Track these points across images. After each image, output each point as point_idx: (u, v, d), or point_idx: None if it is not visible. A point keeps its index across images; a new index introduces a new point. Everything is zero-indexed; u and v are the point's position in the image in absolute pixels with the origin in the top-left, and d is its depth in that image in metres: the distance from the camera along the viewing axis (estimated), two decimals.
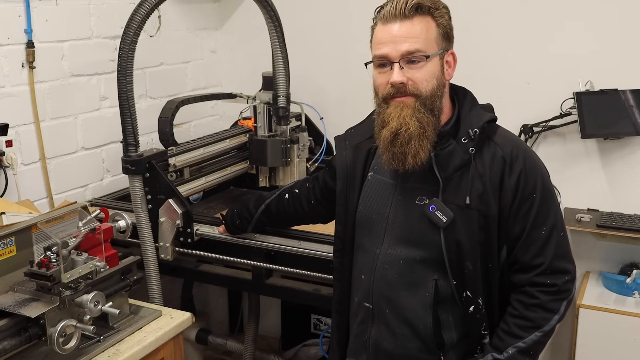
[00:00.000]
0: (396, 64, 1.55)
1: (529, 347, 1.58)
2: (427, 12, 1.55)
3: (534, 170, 1.61)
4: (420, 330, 1.62)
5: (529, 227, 1.58)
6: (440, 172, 1.58)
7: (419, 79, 1.55)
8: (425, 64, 1.55)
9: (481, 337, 1.62)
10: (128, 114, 2.27)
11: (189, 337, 2.98)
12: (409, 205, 1.62)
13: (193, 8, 3.29)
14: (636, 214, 2.76)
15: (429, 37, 1.55)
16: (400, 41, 1.54)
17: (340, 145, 1.78)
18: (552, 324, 1.58)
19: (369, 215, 1.68)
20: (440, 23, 1.57)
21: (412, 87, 1.55)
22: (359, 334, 1.72)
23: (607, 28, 2.71)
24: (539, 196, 1.58)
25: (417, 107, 1.55)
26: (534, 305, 1.58)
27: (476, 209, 1.57)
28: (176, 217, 2.34)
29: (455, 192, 1.57)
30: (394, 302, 1.64)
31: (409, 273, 1.61)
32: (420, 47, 1.54)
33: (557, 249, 1.59)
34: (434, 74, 1.57)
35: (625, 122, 2.68)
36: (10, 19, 2.40)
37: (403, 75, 1.55)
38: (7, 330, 1.69)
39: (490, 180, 1.57)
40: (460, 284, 1.59)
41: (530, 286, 1.59)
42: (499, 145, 1.60)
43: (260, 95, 2.87)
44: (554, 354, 3.08)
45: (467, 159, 1.58)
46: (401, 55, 1.54)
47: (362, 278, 1.69)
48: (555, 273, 1.58)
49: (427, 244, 1.59)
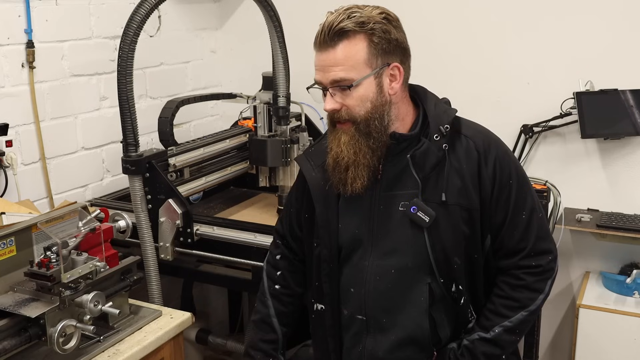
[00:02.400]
0: (328, 92, 1.56)
1: (515, 326, 1.62)
2: (354, 34, 1.52)
3: (507, 158, 1.64)
4: (418, 334, 1.62)
5: (510, 213, 1.61)
6: (418, 172, 1.58)
7: (351, 105, 1.55)
8: (355, 90, 1.54)
9: (467, 322, 1.66)
10: (128, 114, 2.27)
11: (189, 337, 2.98)
12: (392, 213, 1.61)
13: (193, 8, 3.29)
14: (636, 214, 2.76)
15: (357, 60, 1.53)
16: (327, 70, 1.54)
17: (306, 167, 1.73)
18: (538, 303, 1.62)
19: (352, 231, 1.66)
20: (372, 41, 1.53)
21: (346, 113, 1.56)
22: (353, 346, 1.70)
23: (607, 28, 2.71)
24: (515, 182, 1.62)
25: (353, 134, 1.56)
26: (520, 287, 1.62)
27: (457, 204, 1.58)
28: (176, 217, 2.34)
29: (434, 190, 1.58)
30: (391, 311, 1.63)
31: (403, 281, 1.61)
32: (346, 75, 1.53)
33: (539, 231, 1.63)
34: (367, 97, 1.55)
35: (625, 122, 2.68)
36: (10, 19, 2.40)
37: (335, 102, 1.56)
38: (7, 330, 1.70)
39: (468, 174, 1.59)
40: (448, 280, 1.60)
41: (517, 269, 1.63)
42: (470, 138, 1.62)
43: (260, 95, 2.87)
44: (554, 354, 3.08)
45: (441, 156, 1.59)
46: (330, 83, 1.55)
47: (351, 291, 1.67)
48: (539, 254, 1.62)
49: (415, 248, 1.59)
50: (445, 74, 2.92)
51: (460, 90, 2.65)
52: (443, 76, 2.86)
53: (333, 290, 1.70)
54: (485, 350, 1.62)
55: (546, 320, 2.95)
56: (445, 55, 2.95)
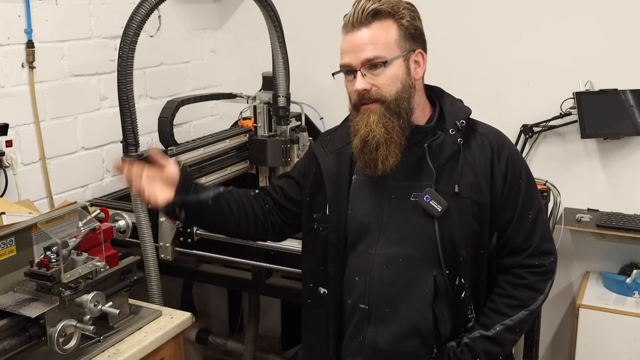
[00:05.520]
0: (358, 72, 1.58)
1: (516, 325, 1.64)
2: (386, 16, 1.57)
3: (518, 157, 1.69)
4: (421, 326, 1.63)
5: (518, 211, 1.64)
6: (433, 162, 1.61)
7: (382, 84, 1.57)
8: (387, 69, 1.57)
9: (467, 321, 1.66)
10: (128, 114, 2.27)
11: (189, 337, 2.98)
12: (404, 203, 1.63)
13: (193, 8, 3.29)
14: (636, 214, 2.76)
15: (388, 41, 1.57)
16: (360, 49, 1.56)
17: (320, 153, 1.76)
18: (538, 303, 1.65)
19: (361, 218, 1.67)
20: (401, 25, 1.59)
21: (376, 93, 1.58)
22: (353, 336, 1.71)
23: (607, 28, 2.71)
24: (524, 182, 1.65)
25: (383, 113, 1.58)
26: (522, 286, 1.64)
27: (468, 197, 1.60)
28: None
29: (447, 181, 1.61)
30: (394, 301, 1.64)
31: (409, 271, 1.62)
32: (379, 53, 1.56)
33: (543, 232, 1.66)
34: (398, 77, 1.59)
35: (625, 122, 2.68)
36: (10, 19, 2.40)
37: (366, 82, 1.57)
38: (7, 330, 1.70)
39: (481, 170, 1.62)
40: (453, 273, 1.61)
41: (519, 268, 1.65)
42: (484, 136, 1.66)
43: (260, 95, 2.87)
44: (554, 354, 3.08)
45: (456, 149, 1.62)
46: (362, 63, 1.57)
47: (355, 280, 1.67)
48: (542, 254, 1.65)
49: (423, 239, 1.61)
50: (445, 73, 2.89)
51: (460, 90, 2.63)
52: (443, 76, 2.84)
53: (338, 275, 1.71)
54: (486, 348, 1.63)
55: (546, 320, 2.95)
56: (446, 55, 2.94)
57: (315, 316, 1.78)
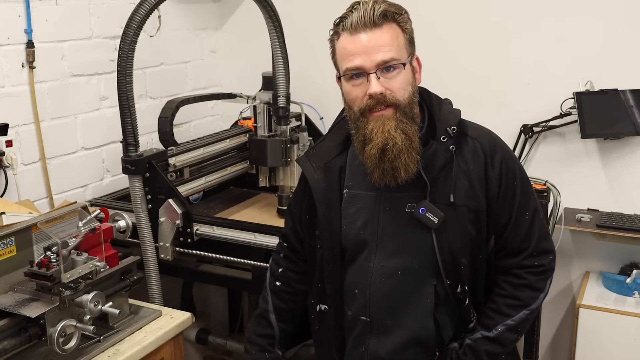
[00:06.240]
0: (372, 75, 1.51)
1: (517, 325, 1.64)
2: (392, 18, 1.53)
3: (512, 159, 1.66)
4: (423, 334, 1.63)
5: (515, 213, 1.62)
6: (427, 174, 1.57)
7: (396, 87, 1.52)
8: (401, 72, 1.53)
9: (469, 323, 1.66)
10: (128, 114, 2.27)
11: (189, 337, 2.98)
12: (398, 215, 1.61)
13: (193, 8, 3.29)
14: (636, 214, 2.76)
15: (399, 44, 1.53)
16: (374, 51, 1.50)
17: (308, 169, 1.70)
18: (539, 302, 1.65)
19: (356, 232, 1.65)
20: (405, 29, 1.55)
21: (391, 97, 1.52)
22: (355, 347, 1.70)
23: (608, 28, 2.71)
24: (519, 183, 1.63)
25: (399, 118, 1.52)
26: (522, 286, 1.64)
27: (464, 205, 1.58)
28: (176, 217, 2.34)
29: (442, 191, 1.58)
30: (395, 312, 1.63)
31: (409, 282, 1.61)
32: (395, 55, 1.51)
33: (541, 231, 1.65)
34: (409, 80, 1.54)
35: (625, 122, 2.67)
36: (10, 19, 2.40)
37: (381, 85, 1.51)
38: (7, 330, 1.69)
39: (475, 175, 1.59)
40: (455, 282, 1.60)
41: (519, 269, 1.64)
42: (476, 139, 1.62)
43: (260, 95, 2.87)
44: (554, 354, 3.08)
45: (449, 157, 1.58)
46: (376, 65, 1.50)
47: (355, 292, 1.66)
48: (541, 254, 1.64)
49: (421, 250, 1.59)
50: (445, 73, 2.91)
51: (460, 90, 2.65)
52: (443, 76, 2.86)
53: (336, 291, 1.69)
54: (488, 349, 1.63)
55: (546, 320, 2.95)
56: (446, 55, 2.95)
57: (319, 331, 1.79)
